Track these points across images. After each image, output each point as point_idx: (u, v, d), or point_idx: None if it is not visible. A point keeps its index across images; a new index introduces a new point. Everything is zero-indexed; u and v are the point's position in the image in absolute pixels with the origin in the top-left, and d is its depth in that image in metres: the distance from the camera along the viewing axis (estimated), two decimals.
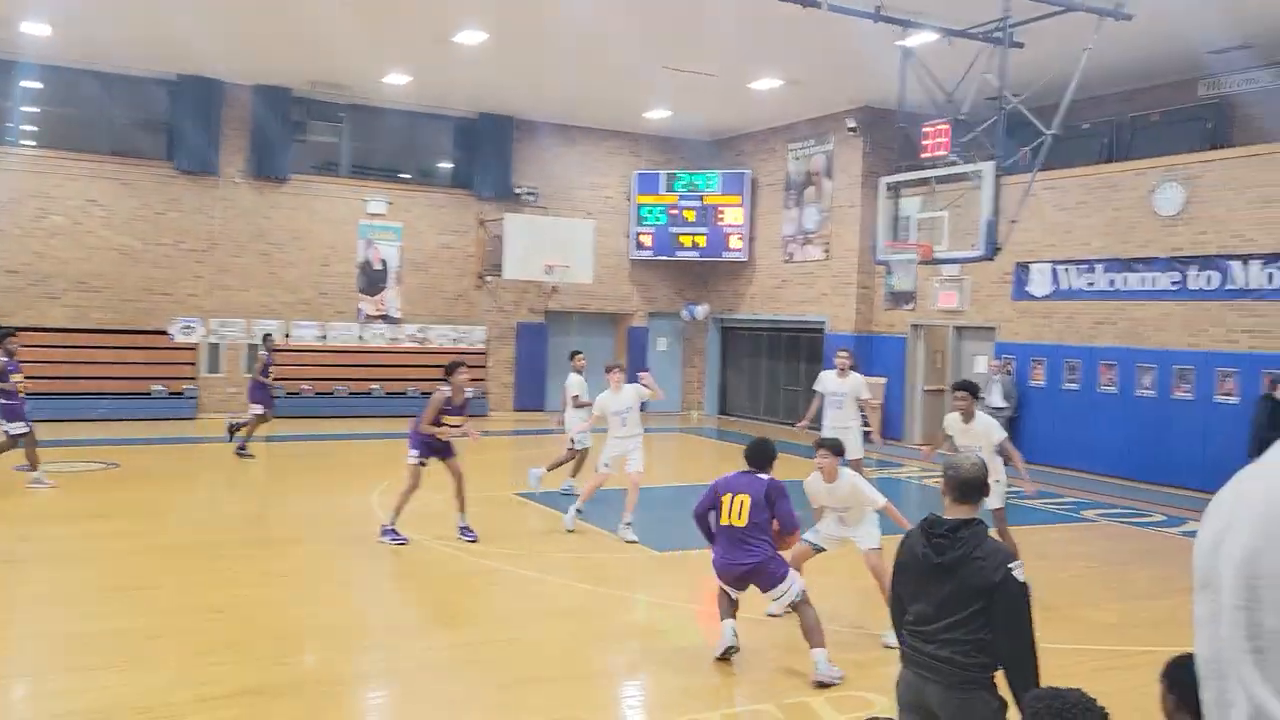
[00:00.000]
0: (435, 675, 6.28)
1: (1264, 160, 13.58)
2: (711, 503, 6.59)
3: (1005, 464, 8.72)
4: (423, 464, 9.64)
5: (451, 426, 9.73)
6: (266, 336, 16.37)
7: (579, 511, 10.49)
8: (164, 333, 18.90)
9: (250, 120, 19.21)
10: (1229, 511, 0.61)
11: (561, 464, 12.41)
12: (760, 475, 6.58)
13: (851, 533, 7.25)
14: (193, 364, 19.12)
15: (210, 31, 15.68)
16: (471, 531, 9.85)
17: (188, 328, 19.04)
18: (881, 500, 7.09)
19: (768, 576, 6.43)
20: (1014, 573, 3.73)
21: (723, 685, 6.33)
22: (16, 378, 11.36)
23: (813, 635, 6.35)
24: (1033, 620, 3.74)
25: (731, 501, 6.45)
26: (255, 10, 14.57)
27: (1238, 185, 13.78)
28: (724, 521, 6.47)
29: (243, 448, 14.53)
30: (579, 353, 13.31)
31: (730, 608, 6.66)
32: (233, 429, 14.87)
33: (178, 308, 18.98)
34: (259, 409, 14.71)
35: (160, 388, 18.71)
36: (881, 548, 7.03)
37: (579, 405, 12.28)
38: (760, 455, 6.66)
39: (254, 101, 19.16)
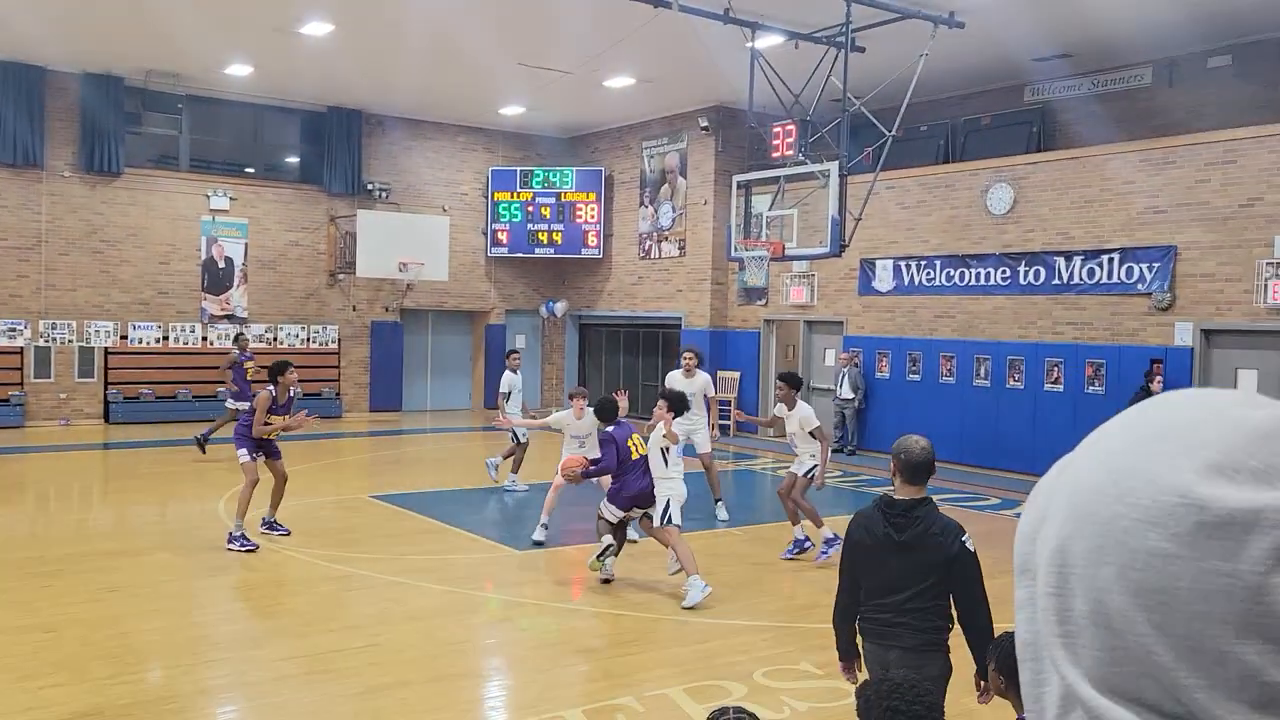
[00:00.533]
0: (288, 687, 6.12)
1: (1082, 163, 14.50)
2: (619, 450, 8.32)
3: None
4: (254, 458, 9.64)
5: (278, 423, 9.79)
6: (239, 336, 16.41)
7: (544, 526, 9.98)
8: None
9: (79, 110, 18.17)
10: (1046, 500, 0.67)
11: (511, 454, 12.79)
12: (623, 421, 8.73)
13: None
14: (19, 369, 17.99)
15: (32, 13, 14.76)
16: (281, 526, 9.92)
17: (13, 331, 17.90)
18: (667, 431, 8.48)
19: (653, 497, 8.30)
20: (966, 544, 4.13)
21: (584, 680, 6.39)
22: None
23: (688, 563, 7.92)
24: (984, 583, 4.14)
25: (631, 441, 8.41)
26: None
27: (1060, 186, 14.67)
28: (635, 456, 8.35)
29: (204, 438, 14.58)
30: (514, 352, 13.86)
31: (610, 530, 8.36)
32: (203, 437, 14.67)
33: (1, 309, 17.82)
34: (243, 405, 14.47)
35: None
36: (665, 523, 8.21)
37: (524, 410, 12.96)
38: (615, 409, 8.86)
39: (83, 90, 18.11)
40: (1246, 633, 0.57)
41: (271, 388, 9.71)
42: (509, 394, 12.89)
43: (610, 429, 8.60)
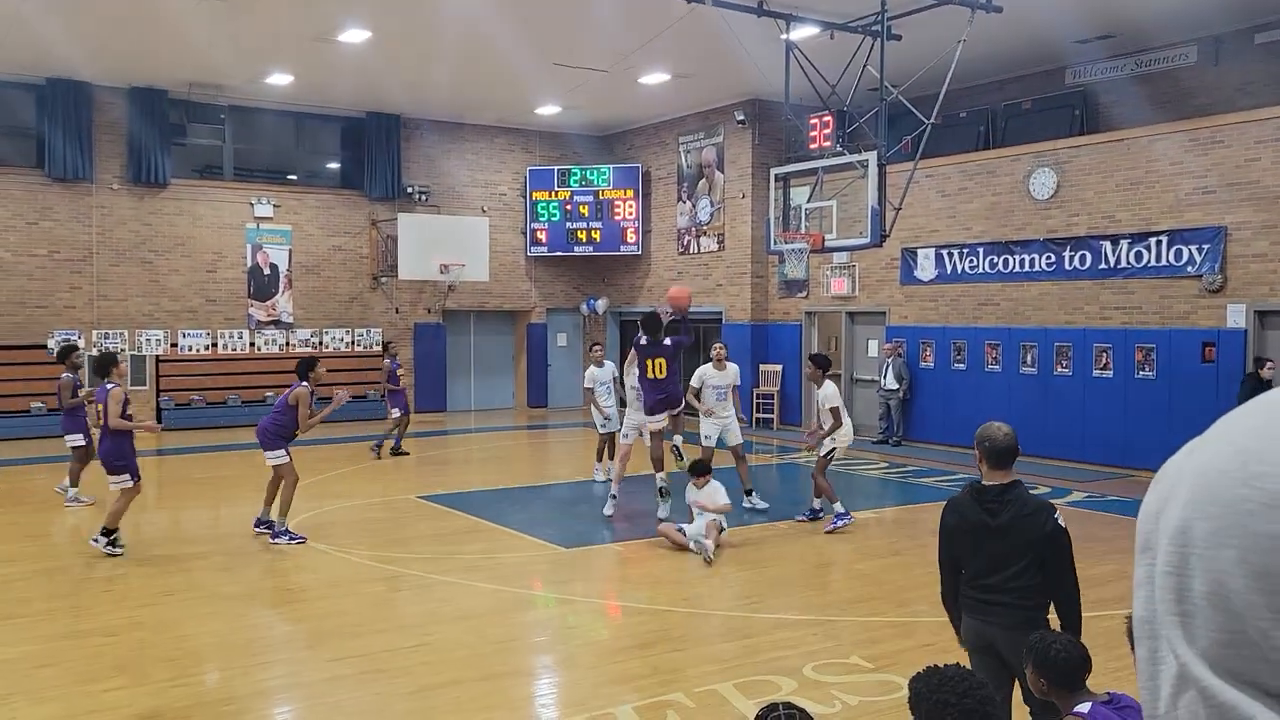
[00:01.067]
0: (342, 687, 6.21)
1: (1127, 145, 14.25)
2: (642, 368, 10.45)
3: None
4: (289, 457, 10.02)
5: (317, 416, 10.12)
6: (388, 345, 17.68)
7: (614, 497, 10.99)
8: (42, 347, 18.12)
9: (125, 124, 18.53)
10: (1173, 480, 0.67)
11: (601, 451, 13.35)
12: (664, 342, 10.36)
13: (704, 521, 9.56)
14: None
15: (77, 34, 15.07)
16: (267, 523, 10.14)
17: (67, 341, 18.28)
18: (725, 502, 9.71)
19: (677, 401, 10.53)
20: (1059, 520, 4.28)
21: (633, 677, 6.41)
22: None
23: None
24: (1073, 558, 4.30)
25: (653, 364, 10.37)
26: (125, 12, 14.06)
27: (1105, 169, 14.44)
28: (650, 376, 10.38)
29: (396, 448, 15.86)
30: (597, 344, 14.55)
31: (661, 460, 10.50)
32: (395, 448, 15.90)
33: (55, 320, 18.23)
34: (396, 412, 15.71)
35: (40, 405, 17.94)
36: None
37: (596, 400, 13.28)
38: (655, 323, 10.53)
39: (128, 105, 18.48)
40: None
41: (305, 384, 9.97)
42: (593, 389, 13.20)
43: (651, 344, 10.38)
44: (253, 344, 19.90)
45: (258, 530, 10.16)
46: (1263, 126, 12.79)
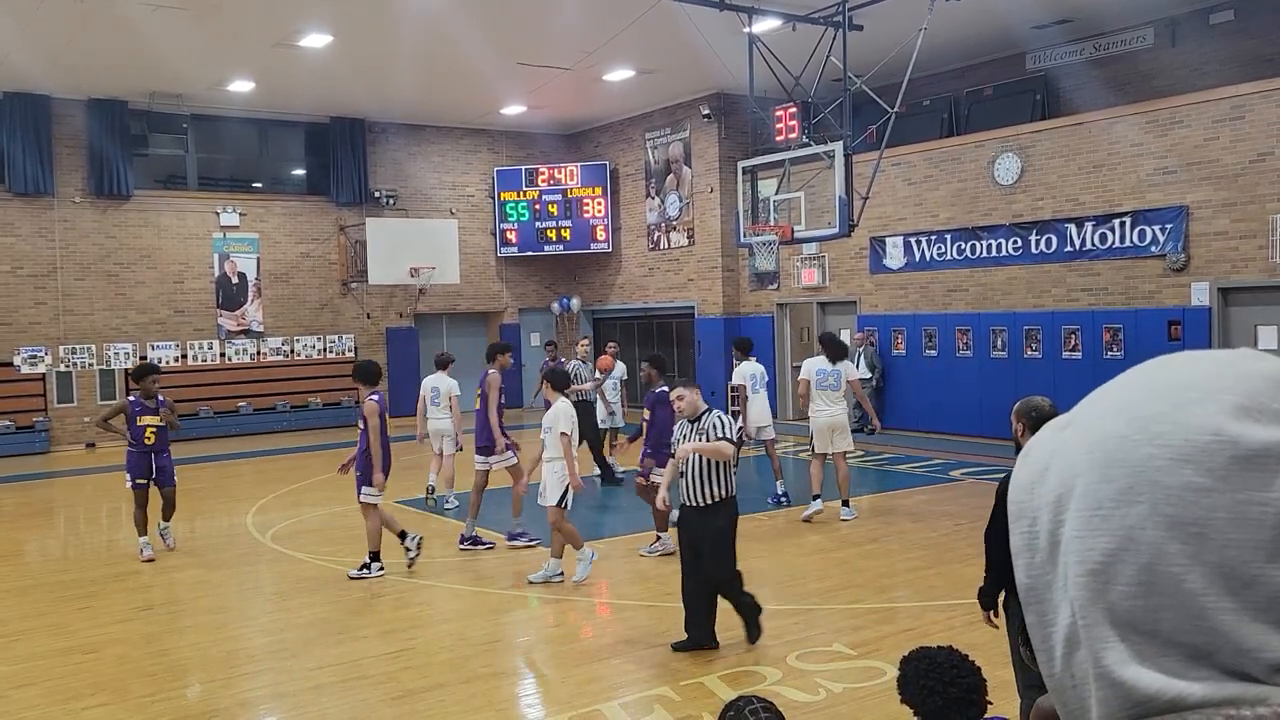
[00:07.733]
0: (325, 695, 6.18)
1: (1088, 128, 14.41)
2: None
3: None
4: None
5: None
6: (654, 358, 18.47)
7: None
8: (8, 364, 17.89)
9: (86, 136, 18.31)
10: (1047, 455, 0.72)
11: (613, 446, 13.83)
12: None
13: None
14: (42, 395, 18.16)
15: (33, 46, 14.86)
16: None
17: (33, 358, 18.07)
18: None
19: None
20: None
21: (619, 673, 6.43)
22: None
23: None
24: None
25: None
26: (82, 22, 13.89)
27: (1067, 153, 14.58)
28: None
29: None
30: (612, 342, 15.30)
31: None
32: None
33: (21, 337, 17.99)
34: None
35: (8, 423, 17.73)
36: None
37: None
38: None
39: (88, 117, 18.25)
40: (1277, 557, 0.62)
41: (492, 369, 10.80)
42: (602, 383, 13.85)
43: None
44: (223, 354, 19.73)
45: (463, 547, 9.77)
46: (1219, 106, 12.96)
